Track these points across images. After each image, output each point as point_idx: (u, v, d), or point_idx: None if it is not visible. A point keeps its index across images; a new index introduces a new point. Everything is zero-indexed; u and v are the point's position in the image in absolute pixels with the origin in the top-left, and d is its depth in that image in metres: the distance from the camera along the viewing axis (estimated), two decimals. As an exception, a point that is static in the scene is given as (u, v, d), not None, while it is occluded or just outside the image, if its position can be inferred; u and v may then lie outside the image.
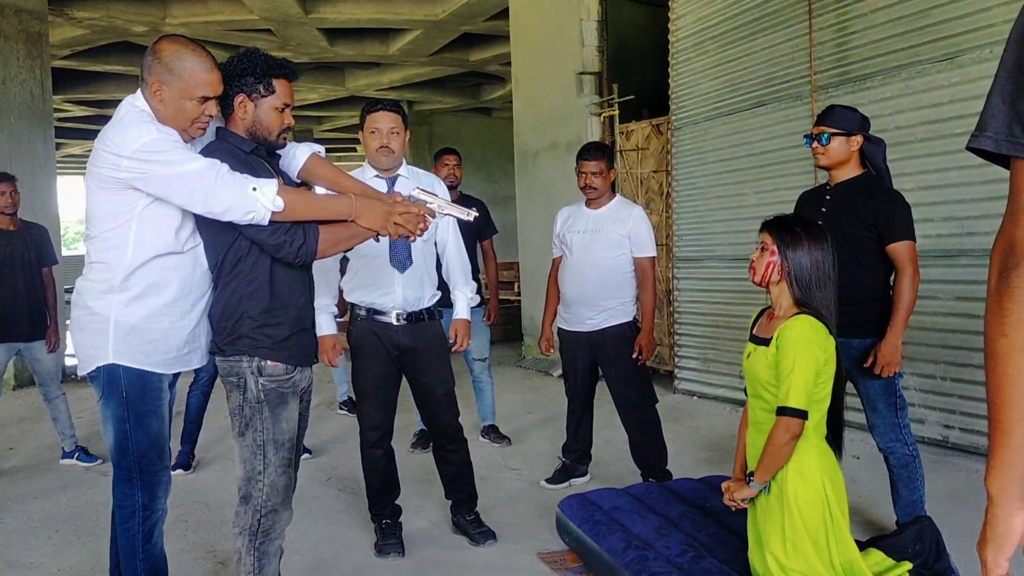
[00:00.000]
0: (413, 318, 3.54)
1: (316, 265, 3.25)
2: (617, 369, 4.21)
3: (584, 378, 4.37)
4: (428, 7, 10.42)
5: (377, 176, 3.55)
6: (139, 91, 2.53)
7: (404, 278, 3.50)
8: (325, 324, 3.52)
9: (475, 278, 5.38)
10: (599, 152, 4.24)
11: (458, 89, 15.83)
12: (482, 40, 12.30)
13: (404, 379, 3.68)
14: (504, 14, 9.83)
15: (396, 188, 3.39)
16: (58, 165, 9.67)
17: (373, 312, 3.53)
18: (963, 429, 4.69)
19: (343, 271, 3.68)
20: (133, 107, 2.50)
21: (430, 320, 3.61)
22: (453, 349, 3.78)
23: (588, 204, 4.30)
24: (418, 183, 3.49)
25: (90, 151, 2.48)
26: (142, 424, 2.55)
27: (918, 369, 4.86)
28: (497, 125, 17.75)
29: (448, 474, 3.76)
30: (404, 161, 3.63)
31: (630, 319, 4.24)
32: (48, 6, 9.24)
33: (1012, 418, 1.09)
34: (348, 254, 3.48)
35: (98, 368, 2.54)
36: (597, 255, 4.20)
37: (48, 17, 9.30)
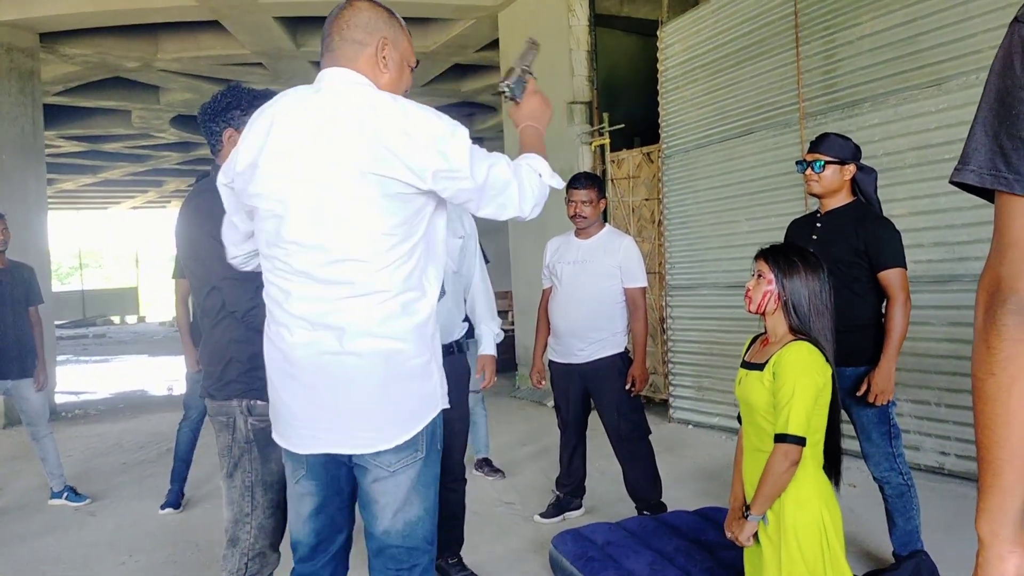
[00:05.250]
0: (444, 351, 3.48)
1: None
2: (609, 401, 4.17)
3: (576, 410, 4.33)
4: (419, 39, 10.48)
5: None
6: (338, 68, 2.01)
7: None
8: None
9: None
10: (589, 181, 4.23)
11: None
12: (473, 70, 12.37)
13: None
14: (494, 45, 9.89)
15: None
16: (50, 200, 9.66)
17: None
18: (959, 455, 4.65)
19: None
20: (362, 86, 1.98)
21: (459, 353, 3.53)
22: (481, 386, 3.74)
23: (578, 234, 4.28)
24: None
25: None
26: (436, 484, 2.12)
27: (912, 395, 4.83)
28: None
29: (440, 513, 3.68)
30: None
31: (621, 350, 4.21)
32: (40, 43, 9.28)
33: (1002, 459, 1.06)
34: None
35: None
36: (587, 286, 4.18)
37: (40, 54, 9.34)
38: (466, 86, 12.92)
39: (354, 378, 1.93)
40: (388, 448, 1.96)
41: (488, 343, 3.70)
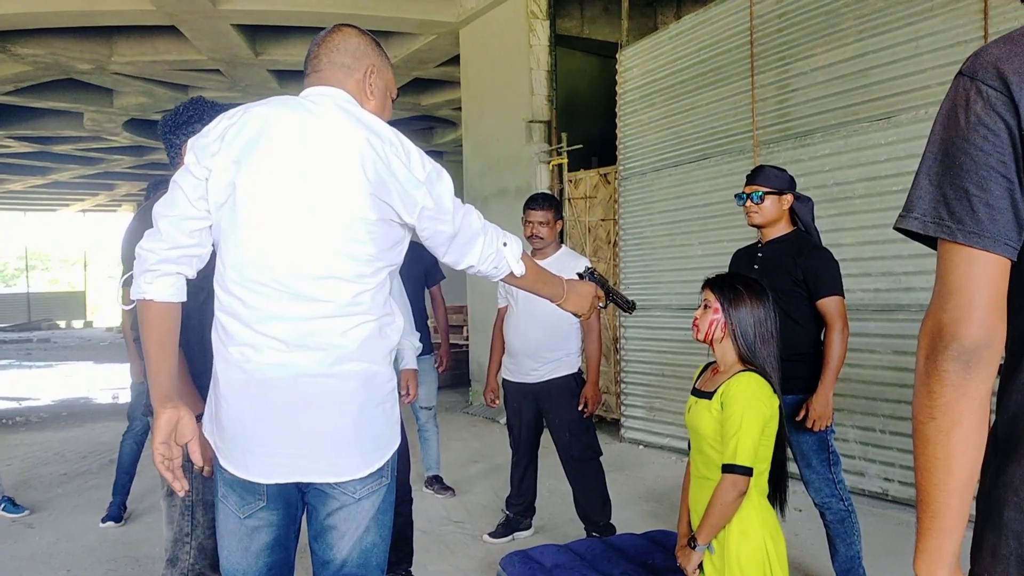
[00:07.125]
0: None
1: None
2: (562, 421, 4.18)
3: (529, 430, 4.34)
4: (379, 52, 10.46)
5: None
6: (330, 87, 1.99)
7: None
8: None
9: (424, 325, 5.34)
10: (546, 202, 4.25)
11: (410, 132, 15.86)
12: (434, 85, 12.38)
13: None
14: (455, 60, 9.91)
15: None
16: (-4, 202, 9.45)
17: None
18: (902, 482, 4.74)
19: None
20: (360, 108, 1.99)
21: None
22: (404, 400, 3.73)
23: (534, 254, 4.29)
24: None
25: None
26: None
27: (858, 422, 4.92)
28: (448, 168, 17.60)
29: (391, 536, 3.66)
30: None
31: (575, 370, 4.23)
32: (-9, 42, 9.10)
33: (940, 502, 1.09)
34: None
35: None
36: (543, 306, 4.12)
37: (-10, 53, 9.15)
38: (426, 100, 12.93)
39: (335, 401, 1.87)
40: (362, 475, 1.91)
41: (409, 358, 3.77)
